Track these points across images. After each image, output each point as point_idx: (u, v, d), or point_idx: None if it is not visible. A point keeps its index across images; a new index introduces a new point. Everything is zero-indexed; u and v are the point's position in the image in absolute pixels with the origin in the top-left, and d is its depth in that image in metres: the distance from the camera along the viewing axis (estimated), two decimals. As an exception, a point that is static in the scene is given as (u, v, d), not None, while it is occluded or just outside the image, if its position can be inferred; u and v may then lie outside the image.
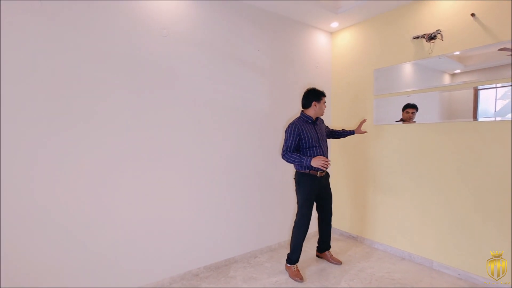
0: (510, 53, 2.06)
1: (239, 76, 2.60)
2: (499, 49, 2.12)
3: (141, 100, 2.08)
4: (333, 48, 3.40)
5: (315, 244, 2.82)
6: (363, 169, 3.07)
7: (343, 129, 2.76)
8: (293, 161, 2.29)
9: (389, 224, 2.84)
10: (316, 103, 2.40)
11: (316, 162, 2.21)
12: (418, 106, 2.60)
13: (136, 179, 2.07)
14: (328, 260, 2.64)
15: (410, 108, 2.64)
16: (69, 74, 1.80)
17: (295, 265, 2.41)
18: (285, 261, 2.51)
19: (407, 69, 2.68)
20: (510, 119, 2.06)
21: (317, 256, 2.74)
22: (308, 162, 2.23)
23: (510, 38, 2.04)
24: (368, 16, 2.93)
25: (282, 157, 2.33)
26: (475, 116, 2.24)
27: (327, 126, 2.71)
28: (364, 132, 2.74)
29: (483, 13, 2.18)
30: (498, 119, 2.13)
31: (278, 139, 2.92)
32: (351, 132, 2.71)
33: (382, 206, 2.90)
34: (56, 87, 1.76)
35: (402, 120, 2.72)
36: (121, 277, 2.03)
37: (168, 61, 2.20)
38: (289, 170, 3.01)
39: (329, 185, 2.59)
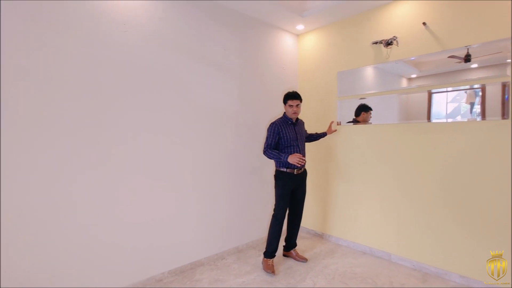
0: (458, 60, 2.25)
1: (207, 75, 2.56)
2: (449, 56, 2.30)
3: (105, 102, 1.96)
4: (299, 50, 3.47)
5: (282, 243, 2.85)
6: (327, 168, 3.17)
7: (316, 133, 2.91)
8: (273, 157, 2.43)
9: (352, 221, 2.96)
10: (284, 106, 2.54)
11: (292, 158, 2.34)
12: (378, 108, 2.74)
13: (95, 183, 1.94)
14: (294, 258, 2.69)
15: (367, 110, 2.80)
16: (28, 74, 1.64)
17: (271, 260, 2.50)
18: (253, 262, 2.50)
19: (368, 72, 2.82)
20: (460, 120, 2.25)
21: (284, 255, 2.78)
22: (285, 158, 2.36)
23: (456, 47, 2.22)
24: (332, 20, 3.04)
25: (264, 153, 2.48)
26: (429, 118, 2.42)
27: (306, 130, 2.81)
28: (335, 131, 2.90)
29: (433, 23, 2.35)
30: (449, 120, 2.32)
31: (247, 139, 2.92)
32: (324, 134, 2.88)
33: (345, 204, 3.02)
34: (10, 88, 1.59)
35: (356, 121, 2.86)
36: (75, 285, 1.88)
37: (133, 61, 2.09)
38: (259, 168, 3.02)
39: (305, 184, 2.68)
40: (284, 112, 2.57)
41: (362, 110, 2.84)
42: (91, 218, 1.94)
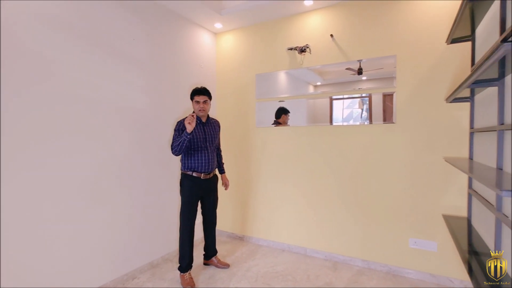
0: (352, 72, 2.57)
1: (110, 66, 2.19)
2: (346, 68, 2.60)
3: None
4: (217, 49, 3.38)
5: (201, 252, 2.69)
6: (244, 169, 3.17)
7: (223, 163, 2.68)
8: (179, 145, 2.14)
9: (270, 220, 3.03)
10: (191, 103, 2.37)
11: (187, 127, 2.07)
12: (293, 111, 2.89)
13: None
14: (216, 266, 2.57)
15: (286, 113, 2.92)
16: None
17: (187, 273, 2.30)
18: (170, 277, 2.26)
19: (283, 76, 2.95)
20: (352, 124, 2.56)
21: (205, 263, 2.63)
22: (186, 133, 2.10)
23: (353, 59, 2.53)
24: (250, 22, 3.05)
25: (172, 152, 2.21)
26: (331, 121, 2.68)
27: (219, 136, 2.55)
28: (224, 184, 2.67)
29: (338, 36, 2.61)
30: (344, 123, 2.62)
31: (158, 140, 2.63)
32: (222, 171, 2.65)
33: (264, 205, 3.07)
34: None
35: (277, 123, 2.97)
36: None
37: (18, 43, 1.59)
38: (173, 172, 2.77)
39: (216, 188, 2.54)
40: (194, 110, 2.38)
41: (282, 113, 2.95)
42: None
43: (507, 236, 1.32)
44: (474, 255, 1.50)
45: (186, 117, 2.10)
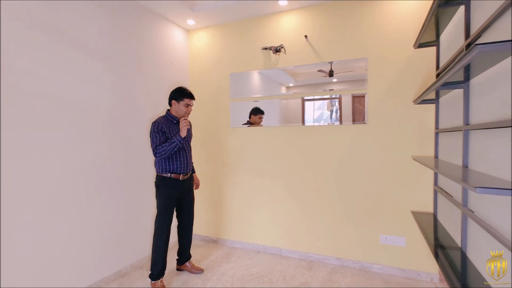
0: (324, 74, 2.61)
1: (73, 60, 2.01)
2: (318, 70, 2.64)
3: None
4: (190, 47, 3.27)
5: (174, 257, 2.57)
6: (218, 171, 3.10)
7: (192, 163, 2.50)
8: (166, 150, 2.10)
9: (245, 222, 2.99)
10: (175, 103, 2.25)
11: (181, 130, 2.13)
12: (267, 111, 2.87)
13: None
14: (189, 271, 2.47)
15: (260, 113, 2.90)
16: None
17: (159, 280, 2.19)
18: (140, 286, 2.12)
19: (258, 76, 2.92)
20: (323, 124, 2.61)
21: (178, 269, 2.51)
22: (179, 137, 2.11)
23: (326, 61, 2.57)
24: (224, 20, 2.99)
25: (156, 156, 2.12)
26: (303, 121, 2.71)
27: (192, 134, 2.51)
28: (195, 184, 2.55)
29: (312, 37, 2.64)
30: (315, 124, 2.66)
31: (125, 141, 2.48)
32: (193, 171, 2.50)
33: (238, 206, 3.02)
34: None
35: (249, 123, 2.93)
36: None
37: None
38: (142, 174, 2.62)
39: (192, 188, 2.48)
40: (168, 110, 2.27)
41: (255, 113, 2.92)
42: None
43: (473, 230, 1.40)
44: (441, 248, 1.58)
45: (181, 120, 2.15)
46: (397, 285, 2.24)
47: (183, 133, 2.12)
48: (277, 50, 2.70)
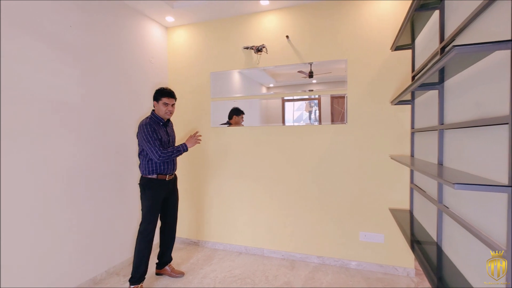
0: (304, 75, 2.64)
1: (42, 54, 1.88)
2: (298, 71, 2.67)
3: None
4: (169, 44, 3.18)
5: (153, 260, 2.48)
6: (198, 171, 3.04)
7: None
8: (172, 155, 2.14)
9: (227, 223, 2.95)
10: (156, 103, 2.23)
11: (191, 142, 2.23)
12: (248, 111, 2.86)
13: None
14: (169, 275, 2.39)
15: (242, 113, 2.88)
16: None
17: (140, 285, 2.13)
18: (116, 292, 2.04)
19: (239, 76, 2.90)
20: (302, 124, 2.64)
21: (157, 273, 2.43)
22: (185, 147, 2.21)
23: (310, 61, 2.60)
24: (204, 18, 2.94)
25: (159, 159, 2.08)
26: (283, 122, 2.73)
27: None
28: (198, 142, 2.39)
29: (294, 38, 2.66)
30: (295, 124, 2.69)
31: (99, 140, 2.36)
32: (185, 146, 2.31)
33: (219, 207, 2.97)
34: None
35: (229, 123, 2.91)
36: None
37: None
38: (119, 178, 2.51)
39: (177, 189, 2.44)
40: (153, 111, 2.23)
41: (235, 113, 2.90)
42: None
43: (448, 225, 1.46)
44: (417, 243, 1.64)
45: (192, 136, 2.25)
46: (376, 280, 2.30)
47: (190, 144, 2.23)
48: (258, 49, 2.69)
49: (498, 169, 0.97)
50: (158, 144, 2.08)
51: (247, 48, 2.79)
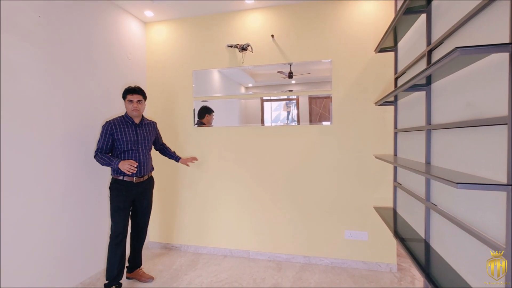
0: (283, 75, 2.64)
1: (8, 45, 1.69)
2: (278, 71, 2.66)
3: None
4: (148, 41, 3.03)
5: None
6: (178, 173, 2.93)
7: (172, 151, 2.57)
8: (103, 163, 2.07)
9: (209, 226, 2.86)
10: (124, 102, 2.21)
11: (122, 165, 2.02)
12: (223, 110, 2.82)
13: None
14: (139, 279, 2.33)
15: (209, 113, 2.84)
16: None
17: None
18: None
19: (218, 75, 2.83)
20: (280, 124, 2.64)
21: (127, 277, 2.35)
22: (116, 165, 2.03)
23: (296, 61, 2.60)
24: (186, 14, 2.83)
25: (94, 158, 2.10)
26: (262, 122, 2.72)
27: (160, 137, 2.53)
28: (187, 164, 2.56)
29: (279, 37, 2.64)
30: (273, 124, 2.70)
31: (71, 141, 2.18)
32: (177, 159, 2.52)
33: (199, 211, 2.88)
34: None
35: (201, 123, 2.85)
36: None
37: None
38: (94, 179, 2.34)
39: (151, 192, 2.36)
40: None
41: (207, 112, 2.84)
42: None
43: (435, 222, 1.51)
44: (402, 240, 1.68)
45: (128, 162, 2.02)
46: (361, 277, 2.35)
47: (121, 167, 2.00)
48: (243, 48, 2.64)
49: (490, 167, 1.01)
50: (102, 146, 2.07)
51: (231, 46, 2.73)
